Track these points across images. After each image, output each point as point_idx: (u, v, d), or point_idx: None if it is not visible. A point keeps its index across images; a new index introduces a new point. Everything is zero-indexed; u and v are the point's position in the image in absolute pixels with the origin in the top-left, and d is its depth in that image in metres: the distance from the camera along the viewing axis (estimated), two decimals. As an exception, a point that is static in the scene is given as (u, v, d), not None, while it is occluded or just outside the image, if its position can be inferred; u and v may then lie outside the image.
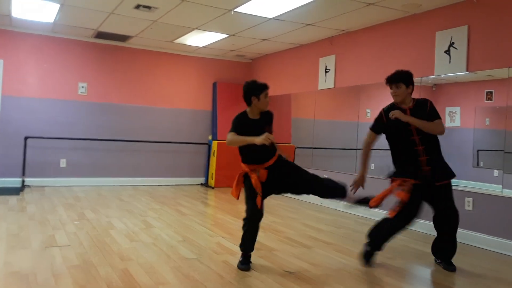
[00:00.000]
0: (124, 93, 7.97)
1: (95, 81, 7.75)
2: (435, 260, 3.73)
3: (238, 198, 3.50)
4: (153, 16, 5.96)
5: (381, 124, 3.57)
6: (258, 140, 3.19)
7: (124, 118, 7.96)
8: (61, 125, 7.45)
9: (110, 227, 4.59)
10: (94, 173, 7.71)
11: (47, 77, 7.40)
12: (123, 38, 7.48)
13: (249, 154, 3.42)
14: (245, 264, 3.40)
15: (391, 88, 3.54)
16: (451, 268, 3.55)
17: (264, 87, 3.40)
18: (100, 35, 7.33)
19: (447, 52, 4.86)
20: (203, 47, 7.86)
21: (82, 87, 7.64)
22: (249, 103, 3.40)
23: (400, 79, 3.50)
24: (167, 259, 3.56)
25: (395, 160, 3.61)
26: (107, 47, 7.80)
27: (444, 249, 3.61)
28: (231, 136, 3.34)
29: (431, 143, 3.48)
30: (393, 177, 3.58)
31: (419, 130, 3.43)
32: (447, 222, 3.52)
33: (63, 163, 7.49)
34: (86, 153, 7.65)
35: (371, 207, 3.49)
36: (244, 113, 3.45)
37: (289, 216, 5.59)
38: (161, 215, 5.39)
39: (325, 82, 6.80)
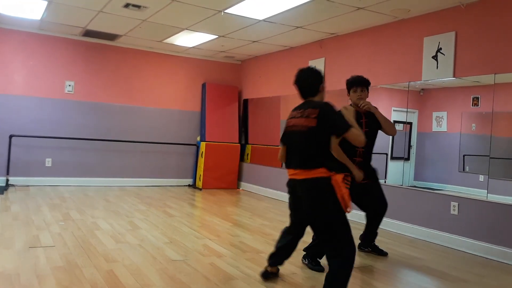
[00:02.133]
0: (112, 93, 7.90)
1: (83, 79, 7.66)
2: (364, 249, 4.22)
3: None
4: (143, 15, 5.92)
5: None
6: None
7: (111, 117, 7.89)
8: (47, 124, 7.35)
9: (95, 228, 4.53)
10: (80, 173, 7.63)
11: (34, 75, 7.30)
12: (112, 36, 7.42)
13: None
14: None
15: (355, 91, 3.84)
16: (383, 252, 4.12)
17: None
18: (88, 33, 7.26)
19: (435, 57, 4.91)
20: (193, 47, 7.84)
21: (69, 85, 7.56)
22: (316, 92, 2.86)
23: (366, 85, 3.87)
24: (153, 261, 3.53)
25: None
26: (95, 46, 7.73)
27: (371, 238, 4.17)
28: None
29: (368, 150, 3.85)
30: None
31: (367, 135, 3.68)
32: (378, 213, 4.07)
33: (48, 162, 7.39)
34: (72, 153, 7.56)
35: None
36: None
37: (277, 219, 5.59)
38: (148, 216, 5.35)
39: (314, 85, 6.82)
